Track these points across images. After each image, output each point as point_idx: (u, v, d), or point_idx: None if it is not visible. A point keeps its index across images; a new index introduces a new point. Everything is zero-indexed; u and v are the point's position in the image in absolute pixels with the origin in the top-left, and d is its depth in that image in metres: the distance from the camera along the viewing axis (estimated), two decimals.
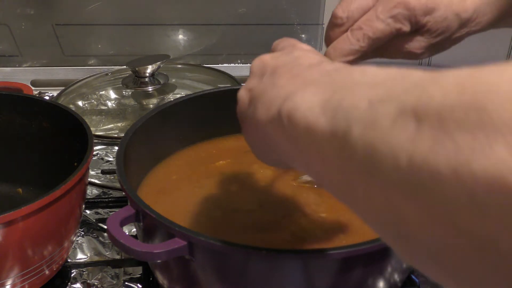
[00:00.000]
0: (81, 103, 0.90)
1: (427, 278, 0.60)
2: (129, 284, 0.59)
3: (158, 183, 0.61)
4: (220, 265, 0.46)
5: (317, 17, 1.03)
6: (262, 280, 0.45)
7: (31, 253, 0.51)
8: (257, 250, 0.43)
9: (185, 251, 0.45)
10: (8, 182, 0.67)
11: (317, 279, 0.46)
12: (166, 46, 1.03)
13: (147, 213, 0.47)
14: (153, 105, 0.88)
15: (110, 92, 0.93)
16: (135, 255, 0.45)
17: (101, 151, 0.79)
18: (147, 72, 0.87)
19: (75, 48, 1.01)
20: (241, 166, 0.65)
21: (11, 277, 0.51)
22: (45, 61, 1.01)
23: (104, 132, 0.82)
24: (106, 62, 1.02)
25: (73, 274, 0.60)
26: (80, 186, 0.55)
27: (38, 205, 0.48)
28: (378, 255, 0.46)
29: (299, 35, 1.04)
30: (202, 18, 1.02)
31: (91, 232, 0.66)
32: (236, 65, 1.05)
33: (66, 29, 0.99)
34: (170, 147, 0.66)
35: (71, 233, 0.57)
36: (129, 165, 0.54)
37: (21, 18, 0.97)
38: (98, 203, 0.71)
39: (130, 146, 0.57)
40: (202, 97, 0.67)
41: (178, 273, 0.50)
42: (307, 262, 0.44)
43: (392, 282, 0.50)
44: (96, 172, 0.75)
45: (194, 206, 0.58)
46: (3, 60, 1.00)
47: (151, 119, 0.62)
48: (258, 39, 1.04)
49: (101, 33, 1.01)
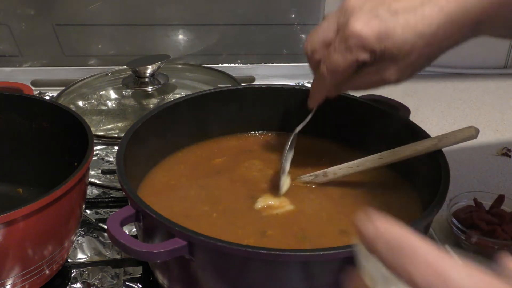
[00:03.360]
0: (81, 103, 0.90)
1: None
2: (129, 284, 0.59)
3: (158, 183, 0.61)
4: (220, 265, 0.46)
5: (317, 17, 1.03)
6: (262, 280, 0.45)
7: (31, 253, 0.51)
8: (257, 250, 0.43)
9: (185, 251, 0.45)
10: (8, 182, 0.67)
11: (317, 279, 0.46)
12: (166, 46, 1.03)
13: (147, 213, 0.47)
14: (153, 105, 0.88)
15: (110, 92, 0.93)
16: (135, 255, 0.45)
17: (101, 151, 0.79)
18: (147, 72, 0.87)
19: (75, 48, 1.01)
20: (241, 166, 0.65)
21: (12, 277, 0.51)
22: (45, 61, 1.01)
23: (104, 132, 0.83)
24: (106, 62, 1.02)
25: (73, 274, 0.60)
26: (80, 186, 0.55)
27: (38, 205, 0.48)
28: None
29: (299, 35, 1.04)
30: (202, 18, 1.02)
31: (91, 232, 0.66)
32: (236, 65, 1.05)
33: (66, 29, 0.99)
34: (170, 147, 0.66)
35: (71, 233, 0.57)
36: (129, 165, 0.54)
37: (21, 18, 0.97)
38: (98, 203, 0.71)
39: (130, 146, 0.57)
40: (202, 97, 0.67)
41: (178, 273, 0.50)
42: (307, 262, 0.44)
43: None
44: (96, 172, 0.75)
45: (194, 206, 0.58)
46: (3, 60, 1.00)
47: (151, 119, 0.62)
48: (258, 39, 1.04)
49: (101, 33, 1.01)
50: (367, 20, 0.46)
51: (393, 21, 0.45)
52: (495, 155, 0.84)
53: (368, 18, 0.46)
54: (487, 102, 1.01)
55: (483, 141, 0.87)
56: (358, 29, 0.46)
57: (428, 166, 0.56)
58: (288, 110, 0.69)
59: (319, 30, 0.50)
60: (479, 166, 0.81)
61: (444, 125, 0.93)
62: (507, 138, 0.90)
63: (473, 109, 0.99)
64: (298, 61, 1.06)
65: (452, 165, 0.54)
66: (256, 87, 0.70)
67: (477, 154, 0.84)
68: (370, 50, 0.47)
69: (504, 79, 1.10)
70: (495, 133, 0.91)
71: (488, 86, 1.07)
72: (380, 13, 0.46)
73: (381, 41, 0.46)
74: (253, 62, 1.06)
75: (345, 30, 0.47)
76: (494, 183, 0.77)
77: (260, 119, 0.70)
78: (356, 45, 0.47)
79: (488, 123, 0.94)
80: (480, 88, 1.06)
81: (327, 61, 0.49)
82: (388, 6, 0.46)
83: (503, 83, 1.08)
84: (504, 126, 0.93)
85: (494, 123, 0.94)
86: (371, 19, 0.46)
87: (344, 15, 0.48)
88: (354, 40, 0.47)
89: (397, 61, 0.48)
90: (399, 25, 0.46)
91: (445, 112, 0.98)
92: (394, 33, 0.46)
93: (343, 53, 0.47)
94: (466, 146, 0.55)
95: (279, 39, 1.04)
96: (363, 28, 0.46)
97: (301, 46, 1.05)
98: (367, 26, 0.46)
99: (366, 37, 0.46)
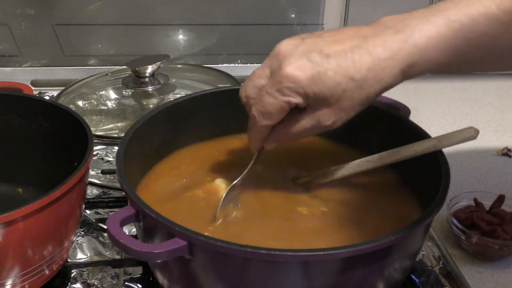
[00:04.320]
0: (81, 103, 0.90)
1: (428, 278, 0.60)
2: (129, 284, 0.59)
3: (158, 183, 0.61)
4: (220, 265, 0.46)
5: (317, 17, 1.03)
6: (262, 280, 0.45)
7: (31, 253, 0.51)
8: (257, 250, 0.43)
9: (185, 251, 0.45)
10: (8, 182, 0.67)
11: (317, 279, 0.46)
12: (166, 46, 1.03)
13: (147, 213, 0.47)
14: (153, 105, 0.88)
15: (110, 92, 0.93)
16: (135, 255, 0.45)
17: (101, 151, 0.79)
18: (147, 72, 0.87)
19: (75, 48, 1.01)
20: (241, 165, 0.65)
21: (11, 277, 0.51)
22: (45, 61, 1.01)
23: (104, 132, 0.82)
24: (106, 62, 1.02)
25: (73, 274, 0.60)
26: (80, 186, 0.55)
27: (38, 205, 0.48)
28: (378, 255, 0.46)
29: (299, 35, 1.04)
30: (202, 18, 1.02)
31: (91, 232, 0.66)
32: (236, 65, 1.05)
33: (66, 29, 0.99)
34: (170, 147, 0.66)
35: (71, 233, 0.57)
36: (129, 165, 0.54)
37: (21, 18, 0.97)
38: (98, 203, 0.71)
39: (130, 146, 0.57)
40: (202, 97, 0.67)
41: (178, 273, 0.50)
42: (307, 262, 0.44)
43: (392, 282, 0.50)
44: (96, 172, 0.75)
45: (194, 206, 0.58)
46: (3, 60, 1.00)
47: (151, 119, 0.62)
48: (258, 39, 1.04)
49: (101, 33, 1.01)
50: (300, 64, 0.47)
51: (325, 65, 0.46)
52: (495, 155, 0.84)
53: (300, 62, 0.47)
54: (487, 102, 1.01)
55: (483, 141, 0.87)
56: (291, 72, 0.47)
57: (428, 166, 0.56)
58: None
59: (253, 77, 0.51)
60: (479, 166, 0.81)
61: (444, 125, 0.93)
62: (507, 138, 0.90)
63: (473, 109, 0.99)
64: None
65: (452, 165, 0.54)
66: None
67: (477, 154, 0.84)
68: (303, 93, 0.47)
69: (504, 79, 1.10)
70: (495, 133, 0.91)
71: (488, 86, 1.07)
72: (312, 57, 0.47)
73: (314, 84, 0.47)
74: (253, 62, 1.06)
75: (278, 74, 0.48)
76: (494, 183, 0.77)
77: None
78: (289, 88, 0.47)
79: (488, 123, 0.94)
80: (480, 88, 1.06)
81: (258, 103, 0.50)
82: (320, 50, 0.47)
83: (503, 83, 1.08)
84: (504, 126, 0.93)
85: (494, 123, 0.94)
86: (304, 63, 0.47)
87: (277, 60, 0.49)
88: (286, 83, 0.47)
89: (331, 105, 0.48)
90: (331, 69, 0.46)
91: (445, 112, 0.98)
92: (326, 76, 0.46)
93: (275, 95, 0.48)
94: (466, 146, 0.55)
95: (279, 39, 1.03)
96: (295, 71, 0.47)
97: None
98: (300, 69, 0.47)
99: (299, 80, 0.47)
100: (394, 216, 0.57)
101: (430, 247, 0.64)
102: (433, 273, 0.61)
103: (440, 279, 0.60)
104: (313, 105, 0.49)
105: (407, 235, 0.46)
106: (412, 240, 0.49)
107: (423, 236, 0.52)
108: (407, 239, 0.47)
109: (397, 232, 0.45)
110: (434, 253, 0.64)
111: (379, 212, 0.58)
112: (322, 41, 0.48)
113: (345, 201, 0.59)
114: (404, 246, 0.48)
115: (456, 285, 0.60)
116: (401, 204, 0.59)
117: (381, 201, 0.59)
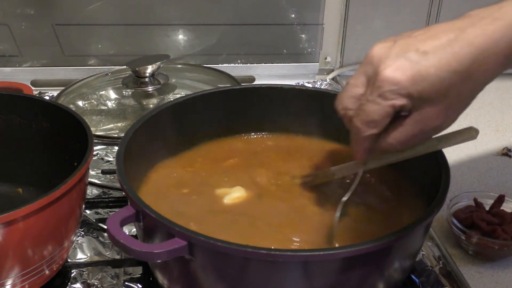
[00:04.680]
0: (81, 103, 0.90)
1: (428, 278, 0.60)
2: (129, 284, 0.59)
3: (158, 183, 0.61)
4: (220, 265, 0.46)
5: (317, 17, 1.03)
6: (262, 280, 0.46)
7: (31, 253, 0.51)
8: (257, 250, 0.43)
9: (185, 251, 0.45)
10: (8, 182, 0.67)
11: (317, 279, 0.46)
12: (166, 46, 1.03)
13: (147, 213, 0.47)
14: (153, 105, 0.88)
15: (110, 92, 0.93)
16: (135, 255, 0.45)
17: (101, 151, 0.79)
18: (147, 72, 0.87)
19: (75, 48, 1.01)
20: (241, 165, 0.65)
21: (11, 277, 0.51)
22: (45, 61, 1.01)
23: (104, 132, 0.83)
24: (106, 62, 1.02)
25: (73, 274, 0.60)
26: (80, 186, 0.55)
27: (38, 205, 0.48)
28: (378, 255, 0.46)
29: (299, 35, 1.04)
30: (202, 18, 1.02)
31: (91, 232, 0.66)
32: (236, 65, 1.05)
33: (66, 29, 0.99)
34: (170, 147, 0.66)
35: (71, 233, 0.57)
36: (129, 165, 0.54)
37: (21, 18, 0.97)
38: (98, 203, 0.71)
39: (130, 146, 0.57)
40: (202, 97, 0.67)
41: (178, 273, 0.50)
42: (307, 262, 0.44)
43: (392, 282, 0.50)
44: (96, 172, 0.75)
45: (194, 206, 0.58)
46: (3, 60, 1.00)
47: (151, 119, 0.62)
48: (258, 39, 1.04)
49: (101, 33, 1.01)
50: (398, 65, 0.45)
51: (425, 62, 0.44)
52: (495, 155, 0.84)
53: (398, 62, 0.45)
54: (487, 102, 1.01)
55: (483, 141, 0.87)
56: (390, 74, 0.45)
57: (428, 166, 0.56)
58: (288, 110, 0.69)
59: (348, 87, 0.49)
60: (479, 166, 0.81)
61: None
62: (507, 138, 0.90)
63: (473, 109, 0.99)
64: (298, 61, 1.06)
65: (452, 165, 0.54)
66: (256, 87, 0.70)
67: (477, 154, 0.84)
68: (406, 94, 0.45)
69: (504, 79, 1.10)
70: (496, 133, 0.91)
71: (488, 86, 1.07)
72: (409, 56, 0.45)
73: (416, 83, 0.45)
74: (253, 62, 1.06)
75: (376, 79, 0.45)
76: (494, 183, 0.77)
77: (259, 119, 0.70)
78: (391, 91, 0.45)
79: (489, 123, 0.94)
80: None
81: (360, 113, 0.47)
82: (416, 49, 0.45)
83: (503, 83, 1.08)
84: (504, 126, 0.93)
85: (495, 123, 0.94)
86: (402, 63, 0.45)
87: (372, 65, 0.46)
88: (387, 86, 0.45)
89: (438, 104, 0.46)
90: (431, 65, 0.44)
91: None
92: (428, 73, 0.44)
93: (377, 100, 0.46)
94: (466, 146, 0.55)
95: (279, 39, 1.04)
96: (395, 73, 0.45)
97: (301, 46, 1.05)
98: (399, 70, 0.45)
99: (400, 81, 0.45)
100: (394, 216, 0.57)
101: (430, 247, 0.65)
102: (433, 273, 0.61)
103: (440, 279, 0.60)
104: (418, 107, 0.46)
105: (407, 235, 0.46)
106: (412, 240, 0.49)
107: (423, 236, 0.52)
108: (407, 239, 0.47)
109: (397, 232, 0.45)
110: (434, 253, 0.64)
111: (379, 212, 0.58)
112: (415, 40, 0.46)
113: (345, 201, 0.59)
114: (404, 246, 0.49)
115: (456, 285, 0.60)
116: (401, 204, 0.59)
117: (381, 202, 0.59)
